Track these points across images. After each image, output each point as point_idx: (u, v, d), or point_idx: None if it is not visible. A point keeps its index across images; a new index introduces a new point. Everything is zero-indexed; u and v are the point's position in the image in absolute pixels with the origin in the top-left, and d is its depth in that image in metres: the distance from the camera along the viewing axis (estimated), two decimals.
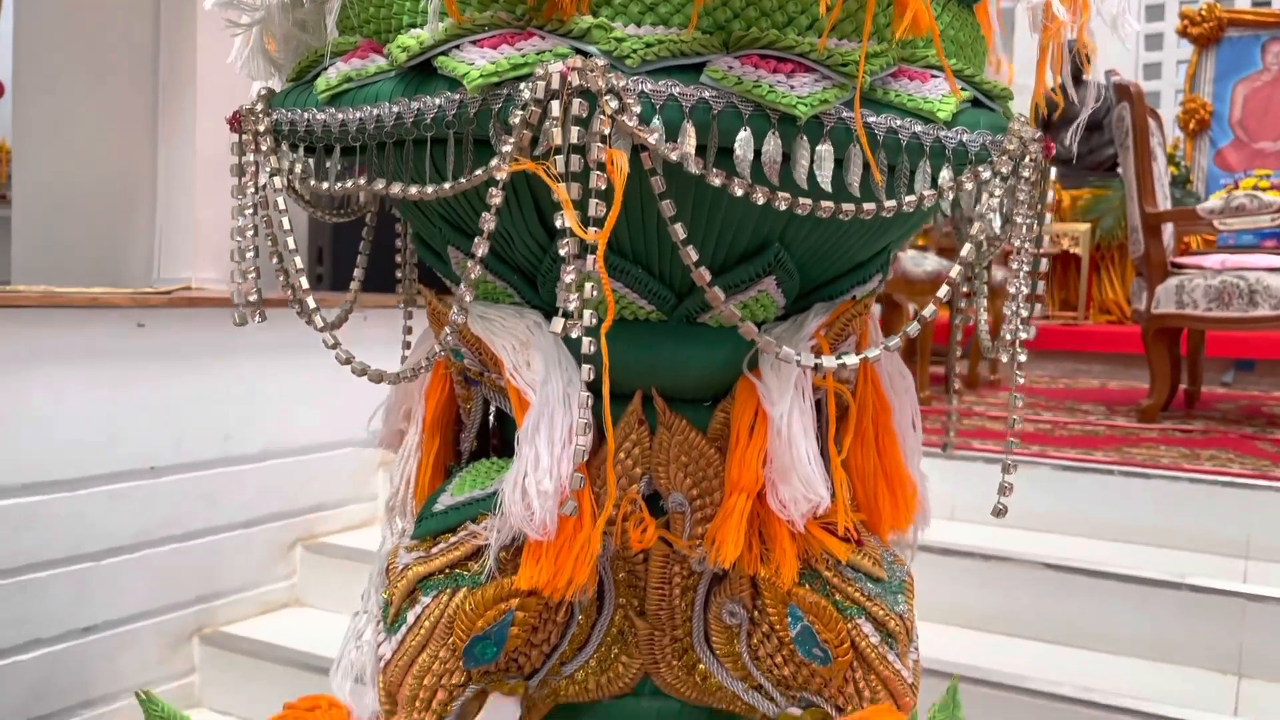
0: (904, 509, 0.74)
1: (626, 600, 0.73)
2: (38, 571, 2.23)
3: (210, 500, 2.63)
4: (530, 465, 0.64)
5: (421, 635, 0.68)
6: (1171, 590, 2.21)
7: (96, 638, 2.37)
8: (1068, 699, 1.99)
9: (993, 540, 2.53)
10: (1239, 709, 2.01)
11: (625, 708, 0.75)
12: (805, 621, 0.69)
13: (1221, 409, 3.87)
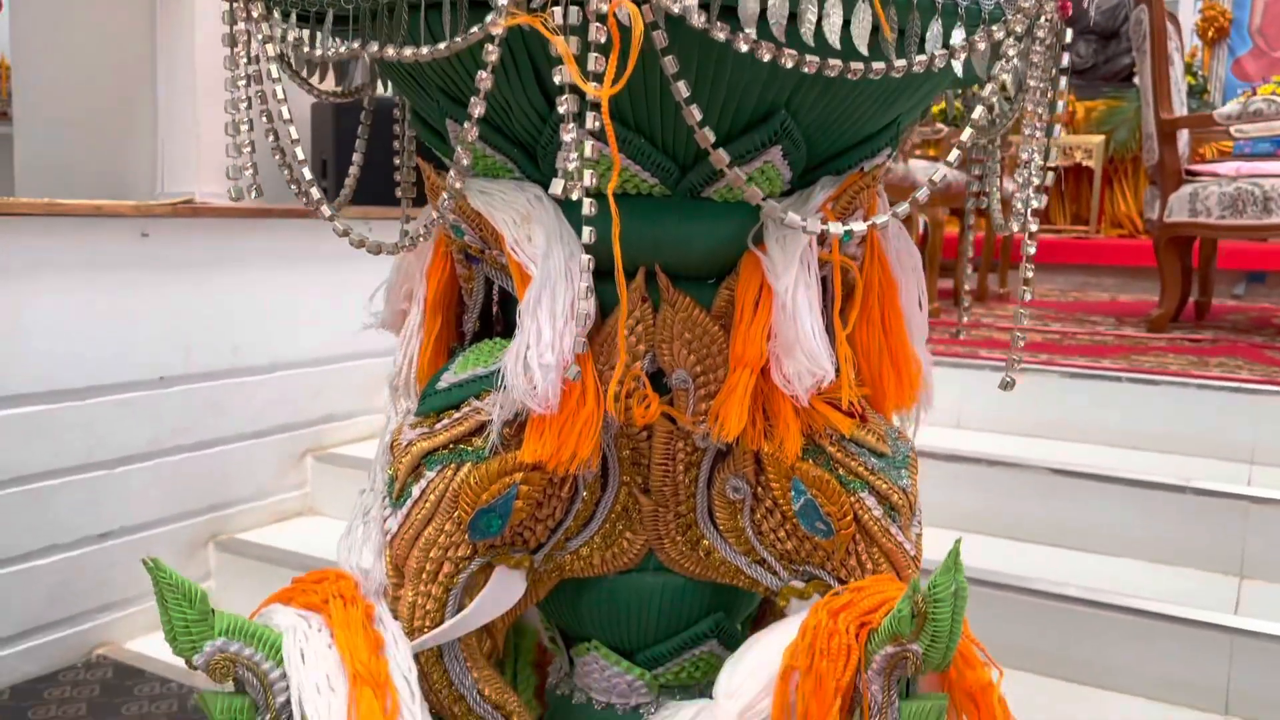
0: (908, 387, 0.74)
1: (630, 477, 0.73)
2: (51, 479, 2.26)
3: (219, 411, 2.65)
4: (532, 338, 0.63)
5: (427, 509, 0.69)
6: (1176, 494, 2.22)
7: (113, 543, 2.40)
8: (1071, 599, 2.02)
9: (998, 447, 2.54)
10: (1240, 608, 2.04)
11: (630, 583, 0.76)
12: (808, 495, 0.69)
13: (1232, 320, 3.84)
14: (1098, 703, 2.00)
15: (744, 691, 0.66)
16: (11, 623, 2.24)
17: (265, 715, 0.65)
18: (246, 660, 0.64)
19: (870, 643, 0.63)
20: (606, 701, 0.81)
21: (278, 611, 0.68)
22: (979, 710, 0.65)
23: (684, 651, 0.78)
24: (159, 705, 2.15)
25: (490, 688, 0.73)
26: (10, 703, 2.14)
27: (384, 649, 0.66)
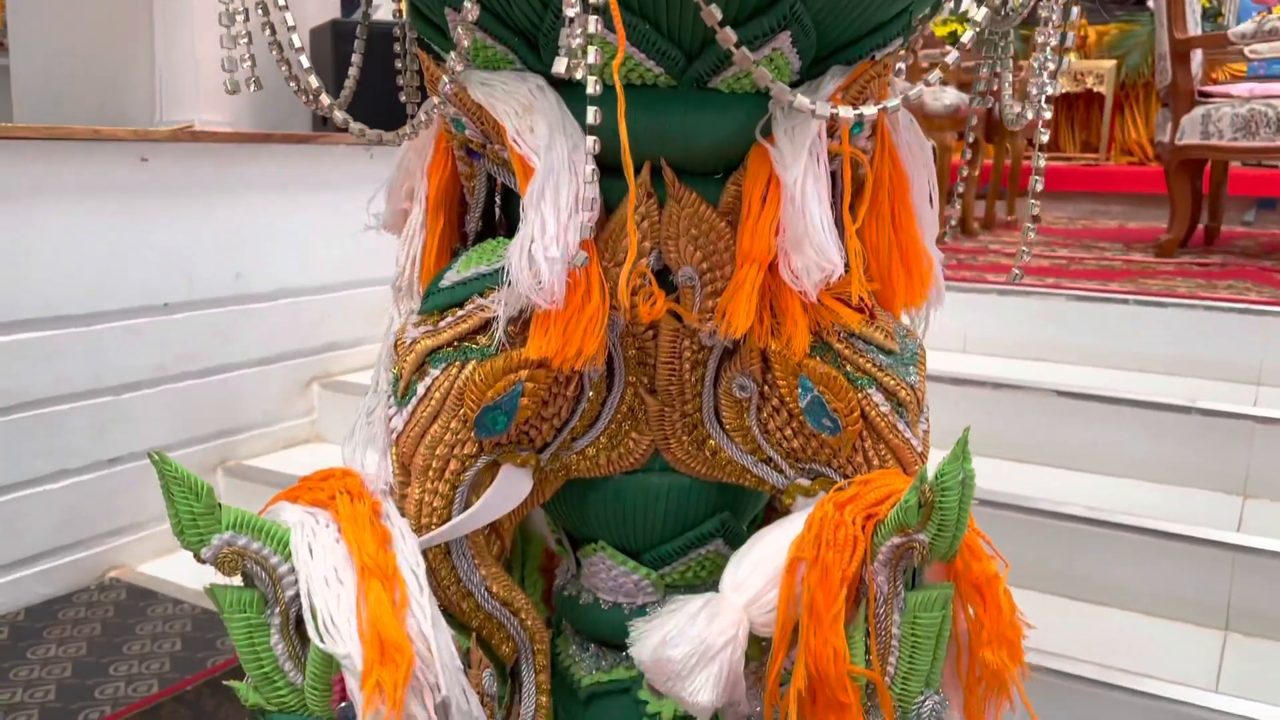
0: (918, 284, 0.73)
1: (636, 378, 0.73)
2: (59, 404, 2.27)
3: (225, 337, 2.65)
4: (536, 231, 0.62)
5: (432, 407, 0.69)
6: (1181, 415, 2.22)
7: (122, 469, 2.42)
8: (1074, 517, 2.03)
9: (1004, 370, 2.54)
10: (1243, 526, 2.05)
11: (636, 483, 0.76)
12: (815, 392, 0.68)
13: (1241, 245, 3.81)
14: (1099, 619, 2.02)
15: (750, 584, 0.66)
16: (24, 546, 2.27)
17: (274, 608, 0.65)
18: (254, 554, 0.64)
19: (876, 534, 0.64)
20: (613, 601, 0.81)
21: (285, 508, 0.68)
22: (984, 601, 0.65)
23: (690, 551, 0.79)
24: (172, 625, 2.18)
25: (498, 585, 0.73)
26: (25, 623, 2.17)
27: (391, 543, 0.66)
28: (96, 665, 2.00)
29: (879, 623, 0.64)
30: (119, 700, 1.87)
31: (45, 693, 1.89)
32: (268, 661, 0.66)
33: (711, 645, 0.64)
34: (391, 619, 0.62)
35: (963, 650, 0.68)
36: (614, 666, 0.82)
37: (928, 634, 0.63)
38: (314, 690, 0.65)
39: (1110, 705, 1.73)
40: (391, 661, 0.61)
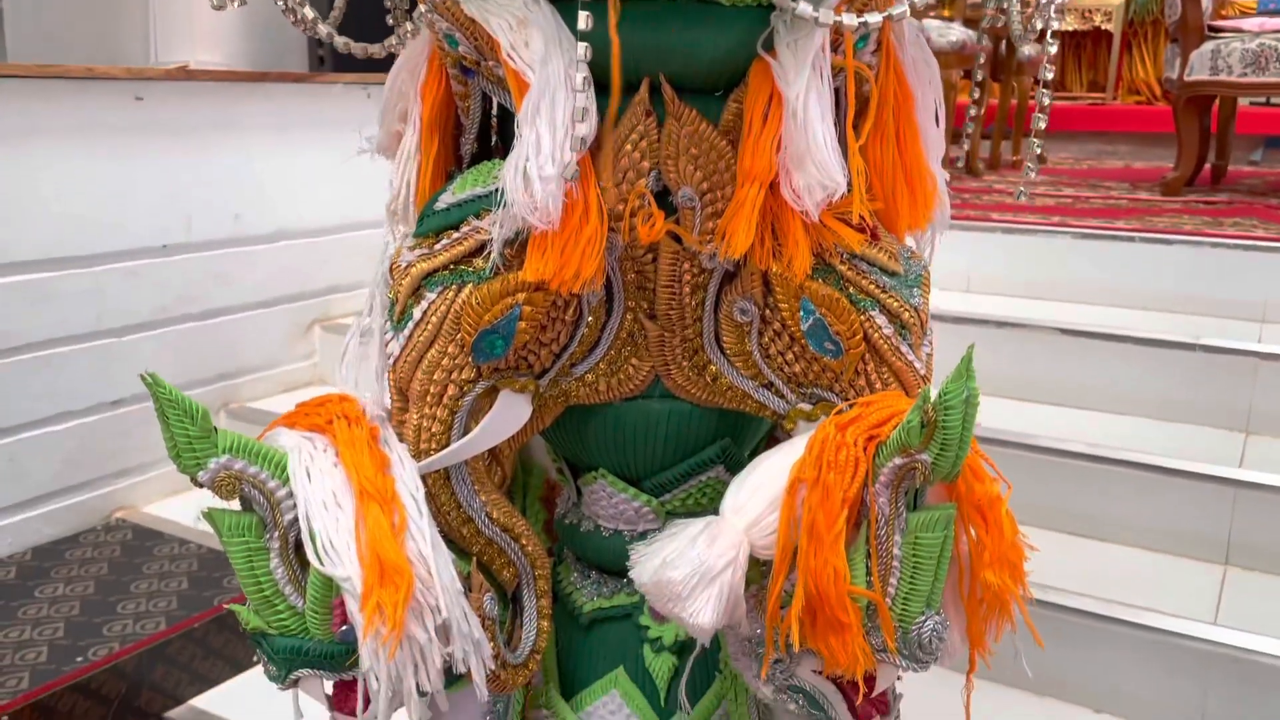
0: (922, 205, 0.72)
1: (636, 303, 0.72)
2: (61, 346, 2.27)
3: (224, 280, 2.64)
4: (531, 149, 0.61)
5: (429, 331, 0.68)
6: (1185, 351, 2.21)
7: (125, 410, 2.42)
8: (1075, 454, 2.03)
9: (1008, 309, 2.52)
10: (1244, 462, 2.05)
11: (636, 410, 0.75)
12: (817, 315, 0.67)
13: (1248, 184, 3.77)
14: (1100, 555, 2.03)
15: (750, 507, 0.66)
16: (30, 487, 2.28)
17: (273, 533, 0.65)
18: (252, 478, 0.64)
19: (878, 455, 0.63)
20: (614, 529, 0.81)
21: (282, 433, 0.67)
22: (986, 523, 0.65)
23: (691, 478, 0.78)
24: (178, 564, 2.20)
25: (498, 511, 0.73)
26: (33, 562, 2.18)
27: (390, 468, 0.66)
28: (104, 604, 2.02)
29: (880, 544, 0.64)
30: (127, 637, 1.89)
31: (54, 630, 1.91)
32: (268, 585, 0.66)
33: (712, 567, 0.64)
34: (391, 542, 0.62)
35: (964, 572, 0.68)
36: (615, 593, 0.83)
37: (929, 554, 0.63)
38: (315, 614, 0.65)
39: (1110, 638, 1.75)
40: (391, 583, 0.61)
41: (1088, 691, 1.79)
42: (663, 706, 0.81)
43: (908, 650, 0.64)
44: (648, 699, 0.81)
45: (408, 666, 0.62)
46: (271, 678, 0.67)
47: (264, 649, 0.67)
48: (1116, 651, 1.75)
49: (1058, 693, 1.80)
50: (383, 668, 0.61)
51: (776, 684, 0.70)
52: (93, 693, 1.80)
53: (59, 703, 1.74)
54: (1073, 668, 1.78)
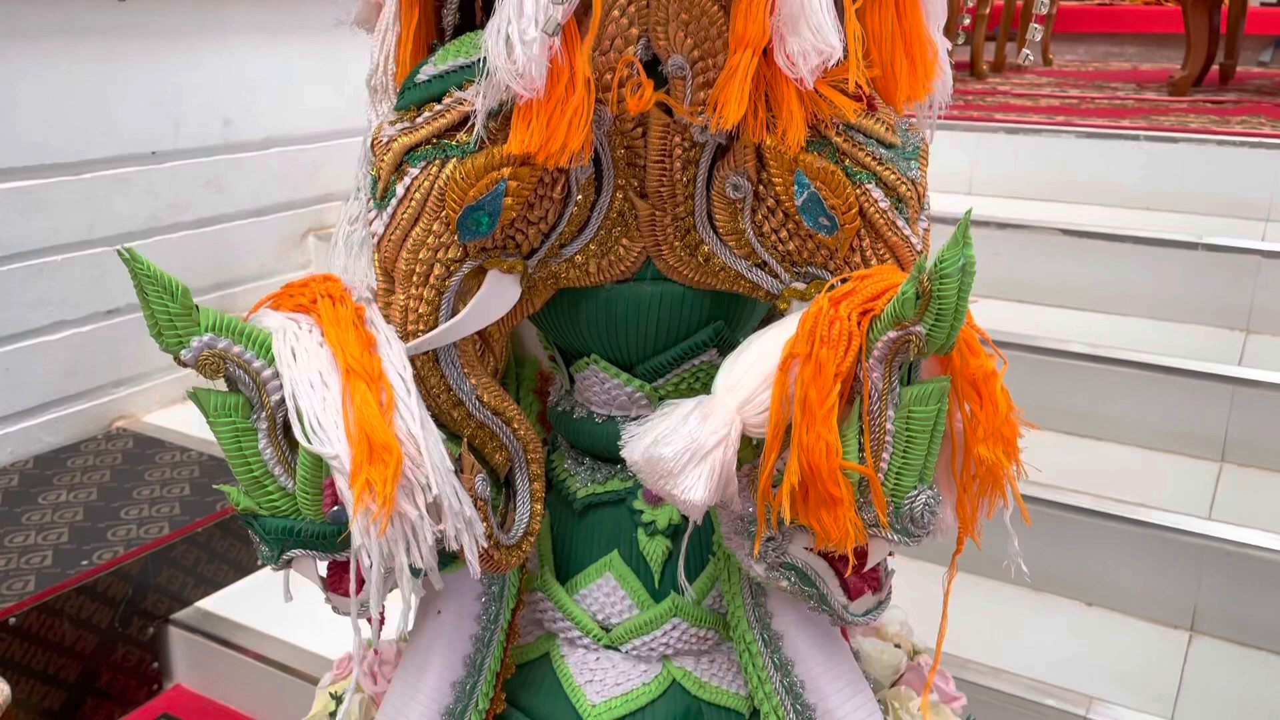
0: (922, 75, 0.69)
1: (626, 180, 0.70)
2: (53, 255, 2.25)
3: (216, 187, 2.60)
4: (513, 12, 0.59)
5: (413, 208, 0.66)
6: (1187, 251, 2.19)
7: (121, 320, 2.42)
8: (1075, 354, 2.03)
9: (1010, 210, 2.49)
10: (1244, 360, 2.05)
11: (627, 292, 0.74)
12: (812, 189, 0.66)
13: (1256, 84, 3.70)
14: (1097, 453, 2.04)
15: (743, 385, 0.65)
16: (28, 396, 2.28)
17: (260, 413, 0.64)
18: (236, 357, 0.63)
19: (872, 329, 0.62)
20: (607, 415, 0.81)
21: (267, 314, 0.66)
22: (981, 398, 0.64)
23: (684, 362, 0.78)
24: (180, 471, 2.21)
25: (488, 394, 0.73)
26: (35, 470, 2.20)
27: (376, 347, 0.65)
28: (107, 509, 2.04)
29: (873, 419, 0.63)
30: (131, 541, 1.91)
31: (58, 535, 1.93)
32: (257, 466, 0.65)
33: (703, 445, 0.64)
34: (379, 420, 0.61)
35: (957, 450, 0.68)
36: (609, 478, 0.82)
37: (922, 428, 0.62)
38: (305, 494, 0.65)
39: (1105, 534, 1.77)
40: (380, 461, 0.60)
41: (1081, 586, 1.81)
42: (656, 588, 0.81)
43: (900, 524, 0.64)
44: (642, 582, 0.81)
45: (399, 544, 0.62)
46: (264, 558, 0.67)
47: (255, 529, 0.67)
48: (1110, 547, 1.76)
49: (1051, 587, 1.83)
50: (374, 545, 0.61)
51: (769, 562, 0.70)
52: (99, 595, 1.82)
53: (65, 605, 1.77)
54: (1067, 563, 1.80)
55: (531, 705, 0.82)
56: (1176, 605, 1.74)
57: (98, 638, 1.82)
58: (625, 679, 0.81)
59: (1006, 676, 1.57)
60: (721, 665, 0.82)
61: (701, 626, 0.81)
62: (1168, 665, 1.67)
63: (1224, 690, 1.62)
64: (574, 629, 0.82)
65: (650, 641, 0.80)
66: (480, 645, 0.78)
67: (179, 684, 1.96)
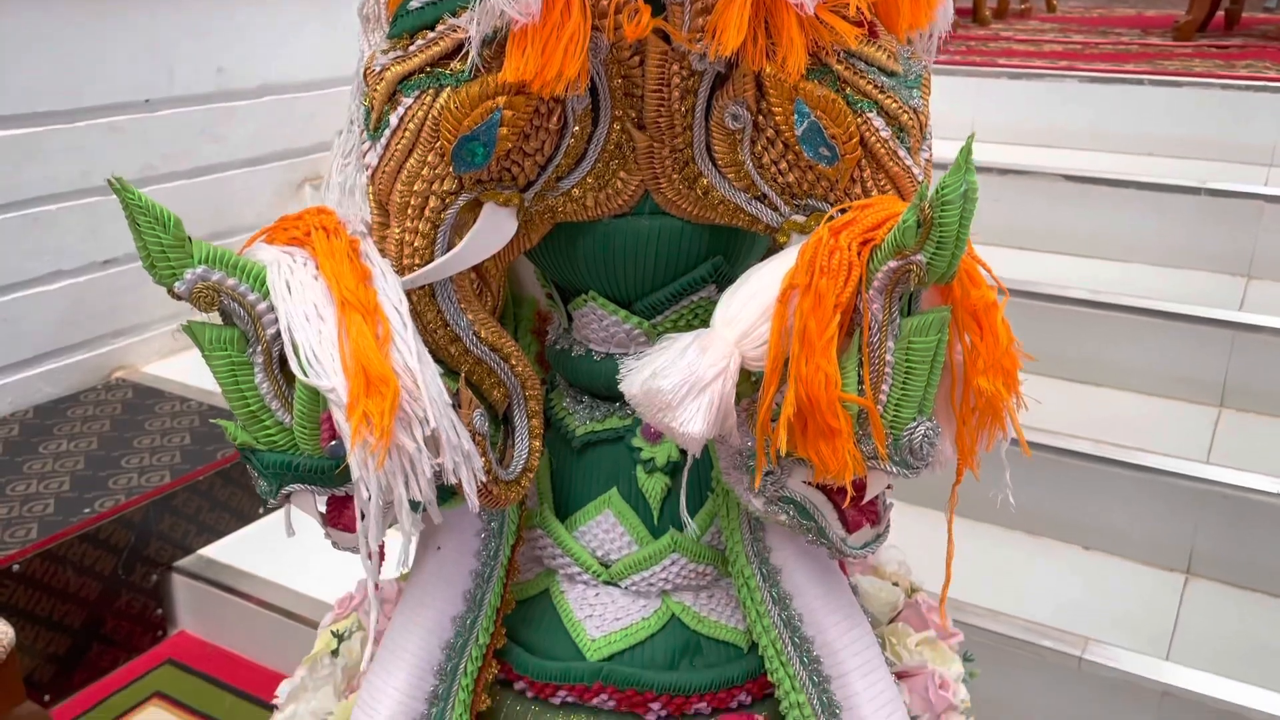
0: (924, 3, 0.68)
1: (623, 111, 0.69)
2: (49, 204, 2.23)
3: (211, 136, 2.58)
4: None
5: (407, 138, 0.65)
6: (1190, 196, 2.18)
7: (117, 270, 2.40)
8: (1075, 300, 2.02)
9: (1011, 156, 2.47)
10: (1245, 305, 2.04)
11: (625, 227, 0.73)
12: (812, 118, 0.65)
13: (1262, 29, 3.66)
14: (1096, 400, 2.05)
15: (742, 318, 0.65)
16: (27, 346, 2.28)
17: (256, 346, 0.64)
18: (231, 290, 0.62)
19: (873, 259, 0.61)
20: (605, 352, 0.80)
21: (260, 248, 0.66)
22: (981, 329, 0.63)
23: (682, 298, 0.77)
24: (180, 421, 2.21)
25: (486, 330, 0.72)
26: (35, 420, 2.20)
27: (372, 280, 0.64)
28: (108, 458, 2.05)
29: (873, 351, 0.63)
30: (133, 489, 1.92)
31: (59, 484, 1.93)
32: (253, 401, 0.65)
33: (702, 377, 0.63)
34: (375, 352, 0.61)
35: (957, 382, 0.67)
36: (608, 416, 0.82)
37: (922, 359, 0.62)
38: (302, 429, 0.65)
39: (1103, 478, 1.77)
40: (377, 393, 0.60)
41: (1079, 530, 1.82)
42: (655, 525, 0.81)
43: (898, 456, 0.64)
44: (641, 518, 0.81)
45: (397, 476, 0.62)
46: (262, 492, 0.67)
47: (253, 464, 0.66)
48: (1109, 491, 1.77)
49: (1049, 532, 1.84)
50: (372, 477, 0.61)
51: (767, 496, 0.70)
52: (101, 542, 1.83)
53: (69, 552, 1.78)
54: (1065, 507, 1.81)
55: (531, 640, 0.83)
56: (1173, 548, 1.75)
57: (101, 584, 1.84)
58: (625, 614, 0.81)
59: (1004, 619, 1.59)
60: (720, 600, 0.82)
61: (700, 562, 0.81)
62: (1164, 607, 1.69)
63: (1219, 631, 1.63)
64: (573, 565, 0.82)
65: (649, 577, 0.81)
66: (480, 581, 0.79)
67: (183, 630, 1.98)
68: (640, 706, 0.79)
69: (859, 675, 0.75)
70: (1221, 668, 1.49)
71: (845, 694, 0.75)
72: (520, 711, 0.81)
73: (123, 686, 1.85)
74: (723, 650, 0.81)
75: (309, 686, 0.90)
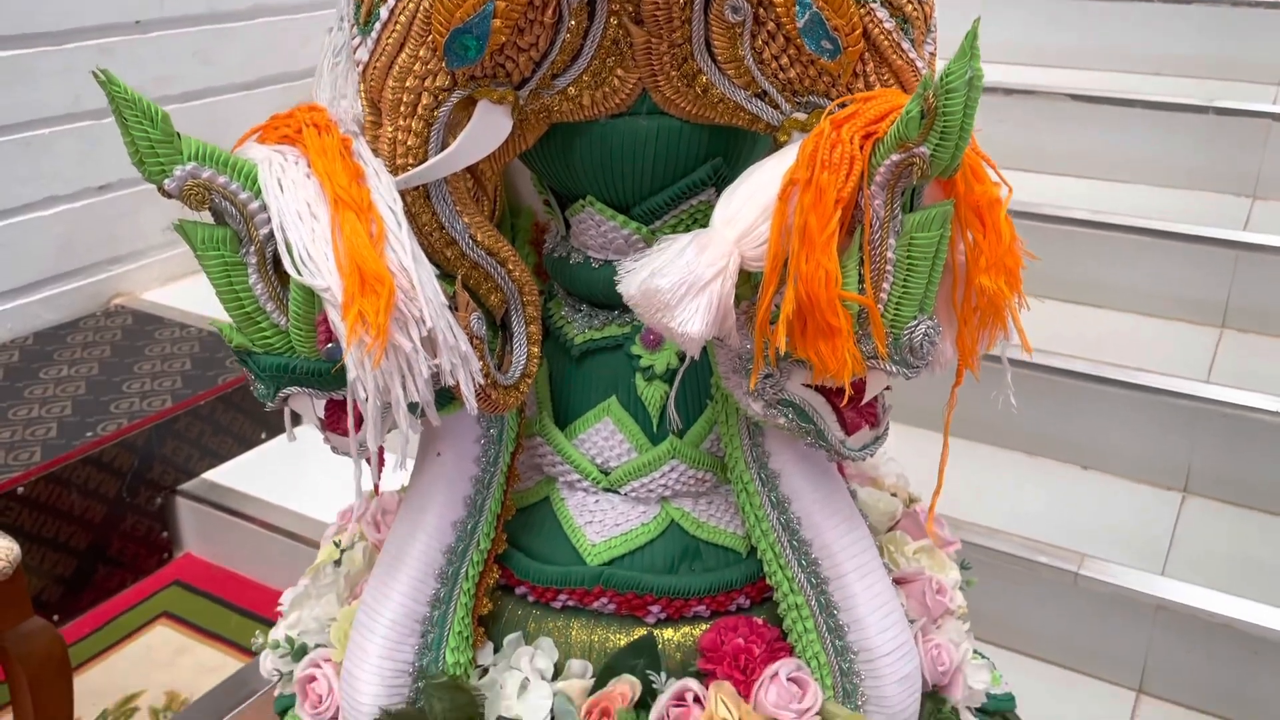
0: None
1: (620, 5, 0.67)
2: (40, 128, 2.20)
3: (204, 58, 2.53)
4: None
5: (398, 32, 0.64)
6: (1197, 115, 2.15)
7: (114, 195, 2.38)
8: (1077, 221, 2.01)
9: (1016, 75, 2.44)
10: (1249, 225, 2.03)
11: (622, 127, 0.72)
12: (814, 8, 0.63)
13: None
14: (1097, 321, 2.04)
15: (742, 217, 0.64)
16: (24, 272, 2.27)
17: (249, 247, 0.63)
18: (222, 188, 0.61)
19: (875, 154, 0.60)
20: (603, 259, 0.80)
21: (252, 147, 0.65)
22: (984, 227, 0.63)
23: (681, 202, 0.76)
24: (180, 347, 2.21)
25: (482, 233, 0.71)
26: (35, 346, 2.20)
27: (365, 179, 0.63)
28: (109, 383, 2.05)
29: (874, 248, 0.62)
30: (134, 414, 1.92)
31: (61, 408, 1.94)
32: (249, 302, 0.64)
33: (701, 276, 0.63)
34: (370, 250, 0.60)
35: (958, 282, 0.67)
36: (606, 324, 0.82)
37: (924, 254, 0.61)
38: (298, 331, 0.65)
39: (1102, 398, 1.77)
40: (372, 292, 0.59)
41: (1077, 450, 1.83)
42: (655, 432, 0.81)
43: (899, 356, 0.64)
44: (640, 425, 0.81)
45: (394, 376, 0.62)
46: (260, 395, 0.67)
47: (250, 367, 0.66)
48: (1108, 411, 1.77)
49: (1048, 452, 1.85)
50: (368, 377, 0.60)
51: (766, 399, 0.70)
52: (105, 465, 1.84)
53: (72, 475, 1.79)
54: (1064, 427, 1.81)
55: (532, 546, 0.83)
56: (1171, 467, 1.76)
57: (106, 507, 1.85)
58: (624, 519, 0.81)
59: (1000, 536, 1.60)
60: (719, 506, 0.83)
61: (699, 468, 0.81)
62: (1160, 525, 1.70)
63: (1214, 547, 1.65)
64: (573, 472, 0.83)
65: (649, 483, 0.81)
66: (480, 487, 0.79)
67: (189, 552, 2.00)
68: (640, 609, 0.80)
69: (857, 577, 0.76)
70: (1216, 583, 1.51)
71: (843, 595, 0.76)
72: (522, 616, 0.82)
73: (131, 607, 1.87)
74: (721, 555, 0.82)
75: (312, 594, 0.91)
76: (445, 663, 0.78)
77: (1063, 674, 1.57)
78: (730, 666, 0.76)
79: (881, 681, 0.75)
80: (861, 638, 0.75)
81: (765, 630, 0.79)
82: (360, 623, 0.78)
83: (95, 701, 1.65)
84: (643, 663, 0.78)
